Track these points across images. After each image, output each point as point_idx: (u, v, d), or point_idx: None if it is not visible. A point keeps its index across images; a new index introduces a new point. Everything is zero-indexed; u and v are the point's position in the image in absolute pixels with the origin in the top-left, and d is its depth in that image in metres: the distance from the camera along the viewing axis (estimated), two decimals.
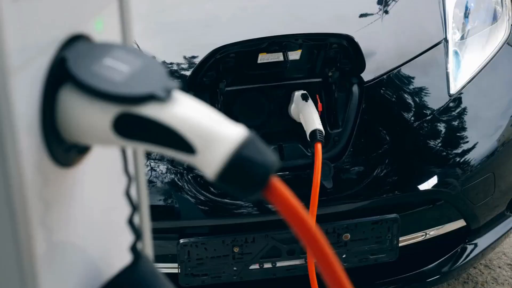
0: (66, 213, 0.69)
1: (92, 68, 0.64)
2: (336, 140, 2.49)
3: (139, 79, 0.64)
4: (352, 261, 2.49)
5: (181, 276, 2.40)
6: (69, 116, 0.64)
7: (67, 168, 0.68)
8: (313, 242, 0.66)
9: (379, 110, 2.59)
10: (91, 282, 0.71)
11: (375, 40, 2.70)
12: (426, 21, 2.84)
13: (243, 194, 0.64)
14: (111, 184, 0.72)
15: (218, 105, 2.44)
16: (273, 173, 0.64)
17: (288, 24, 2.73)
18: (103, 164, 0.73)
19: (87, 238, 0.72)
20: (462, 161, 2.56)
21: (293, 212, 0.65)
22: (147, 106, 0.63)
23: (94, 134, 0.65)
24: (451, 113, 2.62)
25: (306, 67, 2.54)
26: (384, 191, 2.47)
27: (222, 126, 0.64)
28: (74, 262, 0.70)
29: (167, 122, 0.62)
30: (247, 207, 2.40)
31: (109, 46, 0.67)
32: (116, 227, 0.73)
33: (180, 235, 2.39)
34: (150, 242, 0.82)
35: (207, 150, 0.62)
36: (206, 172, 0.63)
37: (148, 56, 0.67)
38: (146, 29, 2.74)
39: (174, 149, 0.63)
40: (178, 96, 0.64)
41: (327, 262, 0.66)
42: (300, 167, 2.45)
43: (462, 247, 2.69)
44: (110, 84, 0.63)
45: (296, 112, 2.46)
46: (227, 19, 2.79)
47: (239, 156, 0.62)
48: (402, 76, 2.64)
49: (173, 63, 2.61)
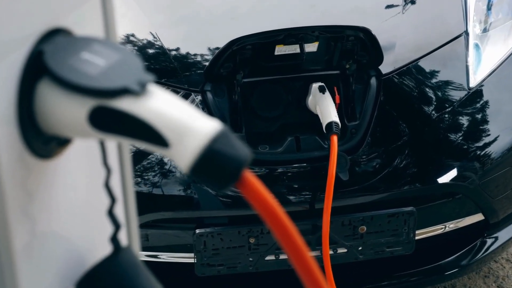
0: (48, 203, 0.70)
1: (69, 61, 0.65)
2: (353, 132, 2.49)
3: (115, 73, 0.65)
4: (368, 254, 2.49)
5: (197, 266, 2.42)
6: (46, 109, 0.65)
7: (47, 160, 0.69)
8: (285, 235, 0.67)
9: (397, 103, 2.58)
10: (72, 272, 0.73)
11: (394, 32, 2.69)
12: (448, 13, 2.82)
13: (216, 187, 0.65)
14: (94, 175, 0.73)
15: (235, 96, 2.45)
16: (246, 166, 0.65)
17: (306, 16, 2.73)
18: (86, 156, 0.74)
19: (68, 228, 0.73)
20: (481, 154, 2.54)
21: (265, 206, 0.66)
22: (121, 100, 0.64)
23: (71, 127, 0.66)
24: (470, 106, 2.61)
25: (323, 59, 2.54)
26: (401, 184, 2.46)
27: (195, 120, 0.64)
28: (54, 252, 0.71)
29: (141, 116, 0.63)
30: None
31: (88, 40, 0.68)
32: (99, 218, 0.74)
33: (196, 225, 2.40)
34: (137, 232, 0.83)
35: (179, 143, 0.63)
36: (179, 164, 0.64)
37: (126, 50, 0.68)
38: (166, 20, 2.76)
39: (148, 142, 0.64)
40: (153, 89, 0.65)
41: (300, 256, 0.67)
42: (316, 159, 2.46)
43: (482, 241, 2.68)
44: (85, 77, 0.64)
45: (313, 104, 2.47)
46: (247, 10, 2.80)
47: (211, 149, 0.63)
48: (421, 69, 2.63)
49: (192, 54, 2.63)
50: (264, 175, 2.43)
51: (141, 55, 2.62)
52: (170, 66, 2.55)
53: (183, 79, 2.51)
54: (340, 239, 2.44)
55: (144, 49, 2.63)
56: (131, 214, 0.81)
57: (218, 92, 2.48)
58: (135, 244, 0.83)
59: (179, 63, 2.56)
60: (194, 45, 2.65)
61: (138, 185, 2.39)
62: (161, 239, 2.47)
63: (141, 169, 2.40)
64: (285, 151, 2.47)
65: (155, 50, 2.62)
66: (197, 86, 2.49)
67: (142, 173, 2.40)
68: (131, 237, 0.82)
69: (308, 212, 2.43)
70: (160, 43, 2.60)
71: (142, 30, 2.67)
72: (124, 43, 2.64)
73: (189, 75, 2.54)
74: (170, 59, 2.57)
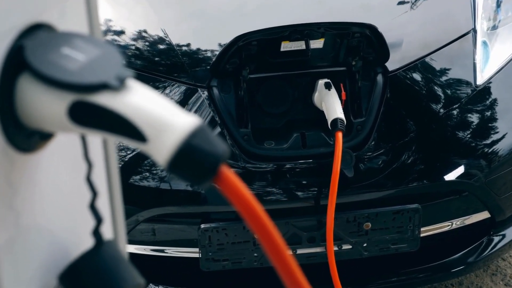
0: (31, 196, 0.71)
1: (49, 56, 0.65)
2: (359, 129, 2.49)
3: (94, 68, 0.65)
4: (372, 250, 2.49)
5: (202, 261, 2.43)
6: (27, 103, 0.66)
7: (30, 153, 0.69)
8: (262, 231, 0.67)
9: (404, 100, 2.58)
10: (56, 264, 0.73)
11: (402, 29, 2.69)
12: (456, 11, 2.81)
13: (194, 182, 0.66)
14: (78, 169, 0.74)
15: (241, 92, 2.45)
16: (223, 162, 0.65)
17: (313, 12, 2.73)
18: (70, 149, 0.74)
19: (52, 221, 0.74)
20: (487, 152, 2.54)
21: (243, 201, 0.66)
22: (99, 95, 0.64)
23: (51, 121, 0.66)
24: (477, 104, 2.60)
25: (330, 55, 2.54)
26: (406, 181, 2.47)
27: (173, 115, 0.65)
28: (37, 245, 0.72)
29: (119, 111, 0.64)
30: (268, 194, 2.41)
31: (69, 35, 0.69)
32: (84, 211, 0.74)
33: (202, 220, 2.41)
34: (123, 226, 0.84)
35: (157, 138, 0.64)
36: (157, 159, 0.65)
37: (106, 45, 0.69)
38: (175, 16, 2.76)
39: (126, 137, 0.65)
40: (131, 85, 0.66)
41: (277, 252, 0.68)
42: (322, 155, 2.46)
43: (489, 238, 2.67)
44: (64, 72, 0.64)
45: (319, 101, 2.47)
46: (255, 6, 2.80)
47: (188, 145, 0.64)
48: (428, 66, 2.63)
49: (199, 49, 2.64)
50: (269, 171, 2.44)
51: (149, 50, 2.63)
52: (177, 61, 2.56)
53: (190, 74, 2.52)
54: (345, 235, 2.45)
55: (152, 45, 2.64)
56: (117, 208, 0.82)
57: (224, 87, 2.49)
58: (121, 237, 0.83)
59: (186, 59, 2.56)
60: (201, 41, 2.66)
61: (146, 180, 2.40)
62: (167, 233, 2.48)
63: (150, 163, 2.41)
64: (291, 147, 2.48)
65: (162, 46, 2.62)
66: (204, 81, 2.49)
67: (151, 168, 2.41)
68: (116, 231, 0.82)
69: (313, 208, 2.43)
70: (167, 38, 2.61)
71: (150, 26, 2.68)
72: (135, 39, 2.64)
73: (196, 70, 2.55)
74: (178, 54, 2.57)
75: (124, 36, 2.65)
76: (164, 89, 2.50)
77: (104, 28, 2.68)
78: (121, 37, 2.66)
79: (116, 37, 2.66)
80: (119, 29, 2.69)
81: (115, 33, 2.68)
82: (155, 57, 2.60)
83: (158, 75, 2.53)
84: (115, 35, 2.67)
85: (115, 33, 2.68)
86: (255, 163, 2.43)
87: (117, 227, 0.82)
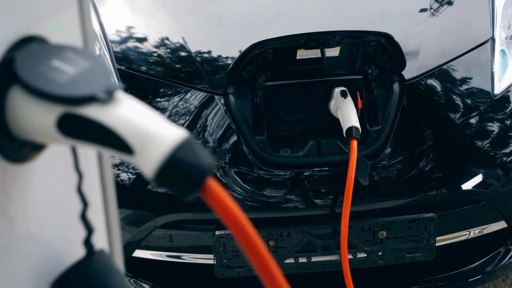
0: (24, 205, 0.72)
1: (39, 69, 0.66)
2: (375, 137, 2.49)
3: (83, 81, 0.66)
4: (388, 259, 2.48)
5: (216, 267, 2.44)
6: (18, 115, 0.67)
7: (22, 164, 0.70)
8: (248, 243, 0.68)
9: (420, 108, 2.58)
10: (48, 273, 0.74)
11: (419, 37, 2.68)
12: (474, 19, 2.80)
13: (180, 194, 0.67)
14: (70, 179, 0.75)
15: (258, 99, 2.46)
16: (209, 174, 0.66)
17: (330, 21, 2.74)
18: (62, 159, 0.75)
19: (45, 230, 0.75)
20: (504, 161, 2.53)
21: (229, 214, 0.67)
22: (88, 107, 0.65)
23: (41, 133, 0.67)
24: (494, 113, 2.59)
25: (346, 63, 2.54)
26: (422, 190, 2.46)
27: (160, 128, 0.66)
28: (30, 253, 0.73)
29: (106, 123, 0.65)
30: (283, 202, 2.42)
31: (60, 48, 0.69)
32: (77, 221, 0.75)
33: (216, 227, 2.42)
34: (119, 235, 0.84)
35: (144, 151, 0.65)
36: (144, 172, 0.65)
37: (97, 58, 0.69)
38: (192, 23, 2.78)
39: (114, 149, 0.66)
40: (120, 97, 0.66)
41: (263, 264, 0.68)
42: (337, 163, 2.46)
43: (506, 248, 2.66)
44: (53, 85, 0.65)
45: (335, 108, 2.47)
46: (271, 14, 2.81)
47: (174, 157, 0.64)
48: (445, 75, 2.62)
49: (216, 57, 2.65)
50: (285, 178, 2.44)
51: (167, 57, 2.64)
52: (194, 68, 2.57)
53: (207, 81, 2.53)
54: (359, 243, 2.44)
55: (170, 52, 2.65)
56: (112, 218, 0.82)
57: (240, 95, 2.50)
58: (117, 247, 0.84)
59: (203, 66, 2.58)
60: (218, 48, 2.67)
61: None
62: (182, 240, 2.49)
63: None
64: (306, 154, 2.48)
65: (180, 53, 2.64)
66: (220, 89, 2.50)
67: None
68: (112, 241, 0.83)
69: (328, 216, 2.43)
70: (186, 46, 2.62)
71: (169, 33, 2.69)
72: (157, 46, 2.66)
73: (213, 78, 2.56)
74: (195, 61, 2.59)
75: (146, 43, 2.67)
76: (181, 96, 2.51)
77: (125, 35, 2.69)
78: (143, 44, 2.67)
79: (138, 44, 2.66)
80: (141, 36, 2.70)
81: (137, 40, 2.69)
82: (173, 64, 2.62)
83: (175, 81, 2.54)
84: (137, 42, 2.68)
85: (137, 40, 2.69)
86: (270, 170, 2.44)
87: (112, 237, 0.83)
